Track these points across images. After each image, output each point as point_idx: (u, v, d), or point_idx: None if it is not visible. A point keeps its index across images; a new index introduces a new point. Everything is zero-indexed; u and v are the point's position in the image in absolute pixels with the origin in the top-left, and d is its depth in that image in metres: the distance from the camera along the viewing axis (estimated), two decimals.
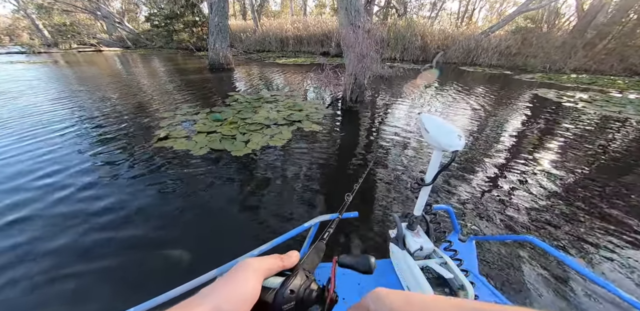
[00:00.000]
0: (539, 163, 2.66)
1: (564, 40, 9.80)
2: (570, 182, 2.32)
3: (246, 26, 15.57)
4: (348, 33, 3.59)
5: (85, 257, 1.47)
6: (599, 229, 1.75)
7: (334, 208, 1.88)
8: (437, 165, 0.59)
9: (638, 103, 5.13)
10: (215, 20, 7.80)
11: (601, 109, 4.73)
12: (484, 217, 1.84)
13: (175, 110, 4.00)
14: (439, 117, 0.56)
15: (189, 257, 1.47)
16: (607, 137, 3.48)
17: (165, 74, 7.64)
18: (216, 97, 4.92)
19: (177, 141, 2.93)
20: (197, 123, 3.45)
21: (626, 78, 8.40)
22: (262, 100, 4.55)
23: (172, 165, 2.46)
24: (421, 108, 4.56)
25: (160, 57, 12.02)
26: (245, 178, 2.28)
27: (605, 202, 2.03)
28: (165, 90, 5.50)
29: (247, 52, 13.58)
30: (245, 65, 9.70)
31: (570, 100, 5.40)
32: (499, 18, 13.88)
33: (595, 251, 1.57)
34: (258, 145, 2.85)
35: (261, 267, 0.27)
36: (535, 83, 7.29)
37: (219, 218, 1.80)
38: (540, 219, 1.84)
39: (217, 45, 8.21)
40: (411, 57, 11.58)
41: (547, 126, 3.85)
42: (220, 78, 7.08)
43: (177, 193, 2.04)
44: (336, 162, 2.63)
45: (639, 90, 6.46)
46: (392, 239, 0.68)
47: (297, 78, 6.91)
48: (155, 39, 15.83)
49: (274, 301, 0.25)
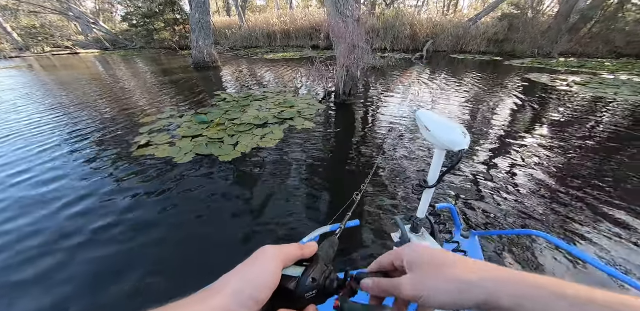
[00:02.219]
0: (541, 148, 2.56)
1: (549, 25, 9.73)
2: (575, 167, 2.21)
3: (231, 22, 15.08)
4: (337, 23, 3.37)
5: (46, 284, 1.27)
6: (598, 215, 1.64)
7: (336, 211, 1.72)
8: (440, 165, 0.54)
9: (631, 84, 5.09)
10: (197, 17, 7.45)
11: (597, 91, 4.67)
12: (483, 210, 1.72)
13: (158, 114, 3.73)
14: (436, 113, 0.51)
15: (171, 284, 1.29)
16: (609, 118, 3.40)
17: (148, 75, 7.25)
18: (202, 97, 4.65)
19: (159, 148, 2.70)
20: (182, 127, 3.21)
21: (613, 60, 8.44)
22: (251, 99, 4.31)
23: (153, 176, 2.24)
24: (416, 99, 4.41)
25: (142, 58, 11.47)
26: (235, 187, 2.09)
27: (612, 194, 1.92)
28: (147, 92, 5.18)
29: (234, 49, 13.12)
30: (232, 62, 9.32)
31: (564, 84, 5.34)
32: (483, 5, 13.70)
33: (598, 239, 1.47)
34: (248, 147, 2.64)
35: (281, 253, 0.26)
36: (525, 69, 7.23)
37: (207, 233, 1.61)
38: (541, 209, 1.72)
39: (201, 43, 7.85)
40: (401, 47, 11.40)
41: (544, 110, 3.77)
42: (206, 77, 6.75)
43: (157, 210, 1.84)
44: (334, 161, 2.46)
45: (629, 71, 6.46)
46: (397, 243, 0.63)
47: (287, 74, 6.64)
48: (135, 39, 15.11)
49: (297, 289, 0.25)
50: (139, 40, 14.84)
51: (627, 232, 1.56)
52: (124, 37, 16.07)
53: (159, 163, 2.42)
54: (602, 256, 1.42)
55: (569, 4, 9.04)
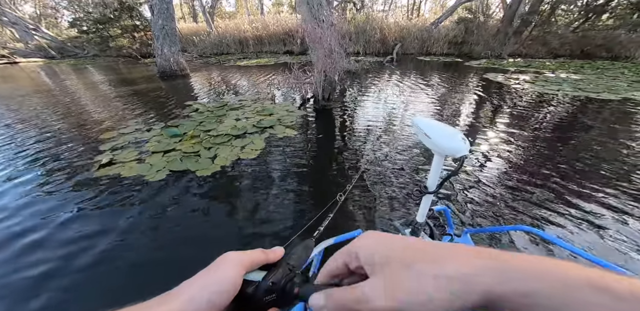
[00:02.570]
0: (504, 141, 2.80)
1: (497, 28, 10.86)
2: (535, 157, 2.44)
3: (198, 29, 14.50)
4: (313, 28, 3.37)
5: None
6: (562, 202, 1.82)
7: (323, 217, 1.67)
8: (439, 170, 0.55)
9: (570, 81, 5.83)
10: (160, 23, 7.01)
11: (543, 88, 5.26)
12: (461, 207, 1.80)
13: (121, 129, 3.38)
14: (434, 120, 0.52)
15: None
16: (557, 111, 3.85)
17: (105, 85, 6.60)
18: (171, 108, 4.33)
19: (125, 166, 2.43)
20: (150, 141, 2.94)
21: (552, 60, 9.65)
22: (226, 108, 4.11)
23: (121, 197, 2.00)
24: (391, 100, 4.59)
25: (97, 67, 10.47)
26: (216, 202, 1.94)
27: (570, 179, 2.15)
28: (106, 105, 4.69)
29: (203, 56, 12.58)
30: (202, 70, 8.90)
31: (517, 82, 5.94)
32: (442, 9, 14.90)
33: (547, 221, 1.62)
34: (227, 160, 2.49)
35: (242, 259, 0.26)
36: (482, 69, 7.95)
37: (190, 255, 1.46)
38: (517, 199, 1.85)
39: (166, 51, 7.40)
40: (373, 50, 11.85)
41: (503, 106, 4.14)
42: (174, 86, 6.34)
43: (130, 232, 1.63)
44: (319, 167, 2.41)
45: (566, 69, 7.41)
46: None
47: (263, 80, 6.50)
48: (87, 46, 13.78)
49: (255, 293, 0.25)
50: (91, 48, 13.56)
51: (583, 213, 1.73)
52: (73, 45, 14.57)
53: (127, 183, 2.17)
54: (567, 236, 1.55)
55: (511, 9, 10.17)
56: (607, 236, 1.56)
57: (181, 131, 3.12)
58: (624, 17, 9.23)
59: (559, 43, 10.50)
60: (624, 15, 9.24)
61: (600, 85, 5.28)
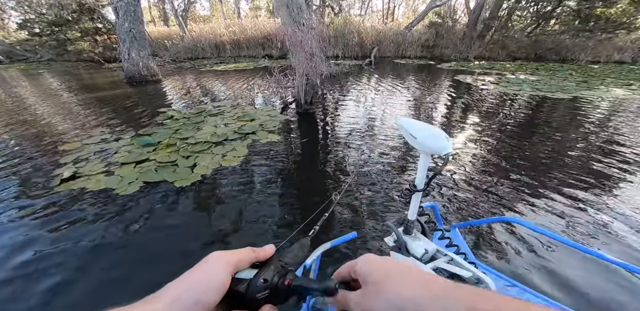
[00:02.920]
0: (473, 139, 3.00)
1: (464, 32, 11.69)
2: (500, 152, 2.63)
3: (171, 32, 13.88)
4: (293, 31, 3.35)
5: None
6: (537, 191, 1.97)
7: (314, 222, 1.64)
8: (426, 168, 0.56)
9: (529, 82, 6.40)
10: (126, 26, 6.60)
11: (506, 89, 5.73)
12: (449, 200, 1.88)
13: (84, 139, 3.08)
14: (417, 120, 0.53)
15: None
16: (520, 109, 4.21)
17: (65, 92, 6.01)
18: (143, 115, 4.05)
19: (91, 179, 2.21)
20: (119, 152, 2.70)
21: (512, 62, 10.56)
22: (204, 114, 3.93)
23: (85, 214, 1.79)
24: (371, 101, 4.71)
25: (54, 72, 9.54)
26: (198, 213, 1.82)
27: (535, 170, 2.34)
28: (67, 114, 4.27)
29: (177, 61, 11.99)
30: (176, 75, 8.47)
31: (484, 83, 6.40)
32: (414, 14, 15.70)
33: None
34: (208, 168, 2.37)
35: (230, 258, 0.26)
36: (452, 71, 8.49)
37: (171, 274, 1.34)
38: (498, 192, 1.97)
39: (134, 55, 6.95)
40: (351, 54, 12.12)
41: (473, 105, 4.45)
42: (145, 92, 5.95)
43: (89, 259, 1.47)
44: (305, 172, 2.38)
45: (524, 71, 8.15)
46: (393, 248, 0.63)
47: (243, 85, 6.33)
48: (40, 50, 12.54)
49: (247, 290, 0.25)
50: (45, 52, 12.37)
51: (547, 200, 1.88)
52: (24, 48, 13.19)
53: (94, 198, 1.96)
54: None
55: (475, 14, 11.02)
56: (574, 219, 1.71)
57: (155, 140, 2.92)
58: (569, 23, 10.41)
59: (516, 47, 11.55)
60: (568, 22, 10.41)
61: (553, 86, 5.86)
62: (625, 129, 3.33)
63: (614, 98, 4.89)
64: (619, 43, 10.74)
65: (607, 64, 10.11)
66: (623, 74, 7.56)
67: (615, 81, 6.42)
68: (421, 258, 0.58)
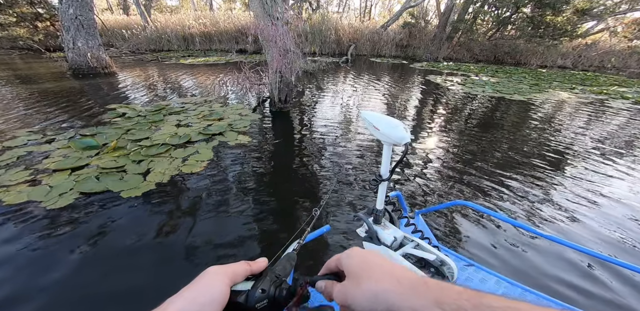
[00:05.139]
0: (440, 133, 3.23)
1: (434, 34, 12.23)
2: (462, 145, 2.78)
3: (130, 22, 12.44)
4: (267, 25, 3.09)
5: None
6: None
7: (293, 229, 1.48)
8: (389, 159, 0.60)
9: (490, 84, 6.85)
10: (71, 12, 5.75)
11: (472, 89, 6.06)
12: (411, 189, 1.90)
13: (5, 141, 2.53)
14: (378, 113, 0.56)
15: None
16: (482, 108, 4.50)
17: None
18: (88, 113, 3.48)
19: (9, 191, 1.78)
20: (51, 156, 2.25)
21: (475, 64, 11.32)
22: (164, 112, 3.50)
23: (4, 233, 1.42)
24: (348, 99, 4.67)
25: None
26: (151, 231, 1.55)
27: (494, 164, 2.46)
28: None
29: (137, 53, 10.81)
30: (134, 67, 7.58)
31: (452, 84, 6.72)
32: (390, 14, 16.03)
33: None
34: (165, 175, 2.05)
35: (226, 271, 0.28)
36: (424, 71, 8.85)
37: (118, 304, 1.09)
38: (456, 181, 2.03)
39: (80, 44, 6.07)
40: (329, 51, 12.03)
41: (440, 104, 4.69)
42: (93, 86, 5.19)
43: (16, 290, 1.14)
44: (279, 176, 2.18)
45: (486, 73, 8.75)
46: (365, 238, 0.65)
47: (212, 81, 5.84)
48: None
49: (247, 301, 0.27)
50: None
51: (501, 187, 1.96)
52: None
53: (10, 215, 1.57)
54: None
55: (445, 16, 11.54)
56: (522, 202, 1.92)
57: (99, 142, 2.49)
58: (523, 28, 11.39)
59: (479, 49, 12.40)
60: (523, 27, 11.39)
61: (511, 88, 6.35)
62: (565, 125, 3.88)
63: (560, 100, 5.48)
64: (563, 49, 12.10)
65: (552, 69, 11.33)
66: (566, 78, 8.52)
67: (561, 84, 7.20)
68: (391, 246, 0.60)
